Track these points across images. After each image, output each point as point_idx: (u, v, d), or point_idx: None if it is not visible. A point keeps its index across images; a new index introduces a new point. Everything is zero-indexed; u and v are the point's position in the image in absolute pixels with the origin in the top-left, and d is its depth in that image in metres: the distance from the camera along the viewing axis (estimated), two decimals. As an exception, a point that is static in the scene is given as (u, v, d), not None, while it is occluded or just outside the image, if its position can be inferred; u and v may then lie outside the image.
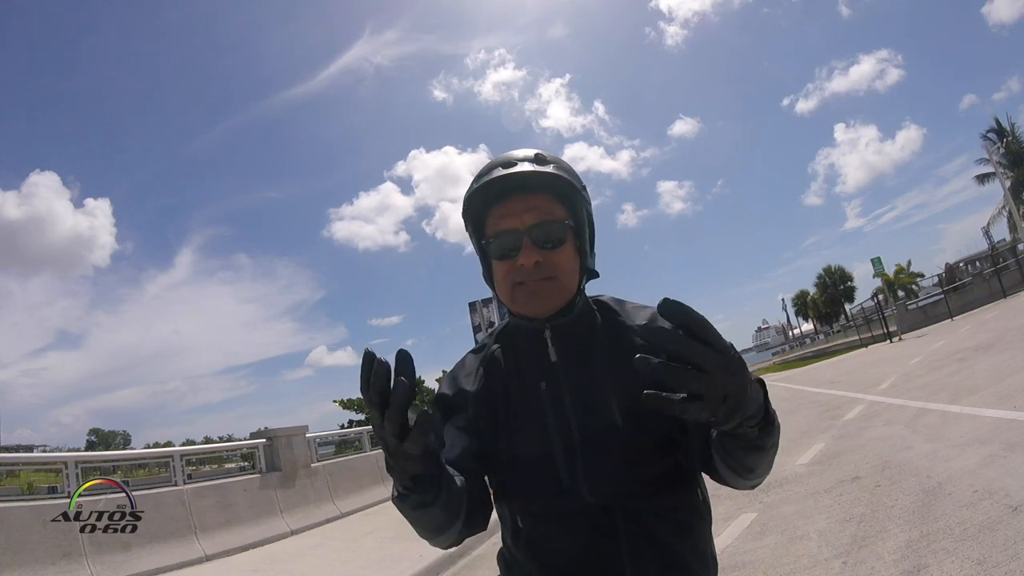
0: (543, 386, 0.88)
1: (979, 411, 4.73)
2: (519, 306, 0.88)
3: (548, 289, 0.86)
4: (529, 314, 0.88)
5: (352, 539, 6.36)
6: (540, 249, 0.85)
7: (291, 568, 5.58)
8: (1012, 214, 26.43)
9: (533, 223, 0.85)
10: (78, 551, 5.02)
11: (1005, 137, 29.69)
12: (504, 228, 0.86)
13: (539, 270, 0.85)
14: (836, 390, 10.12)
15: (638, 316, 0.92)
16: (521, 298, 0.87)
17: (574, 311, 0.91)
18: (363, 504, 8.31)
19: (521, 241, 0.85)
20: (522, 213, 0.86)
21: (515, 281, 0.86)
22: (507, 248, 0.86)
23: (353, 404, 19.30)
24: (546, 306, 0.87)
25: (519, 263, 0.85)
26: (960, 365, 7.77)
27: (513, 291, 0.87)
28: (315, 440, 8.93)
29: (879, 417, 6.04)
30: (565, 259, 0.87)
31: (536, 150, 0.88)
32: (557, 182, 0.86)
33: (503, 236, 0.86)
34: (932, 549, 2.53)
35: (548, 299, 0.86)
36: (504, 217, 0.87)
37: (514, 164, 0.85)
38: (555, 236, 0.86)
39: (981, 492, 2.98)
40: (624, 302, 0.97)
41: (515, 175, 0.84)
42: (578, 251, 0.90)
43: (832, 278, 52.56)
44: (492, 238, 0.88)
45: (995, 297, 20.46)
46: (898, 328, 22.29)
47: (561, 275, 0.86)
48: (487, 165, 0.88)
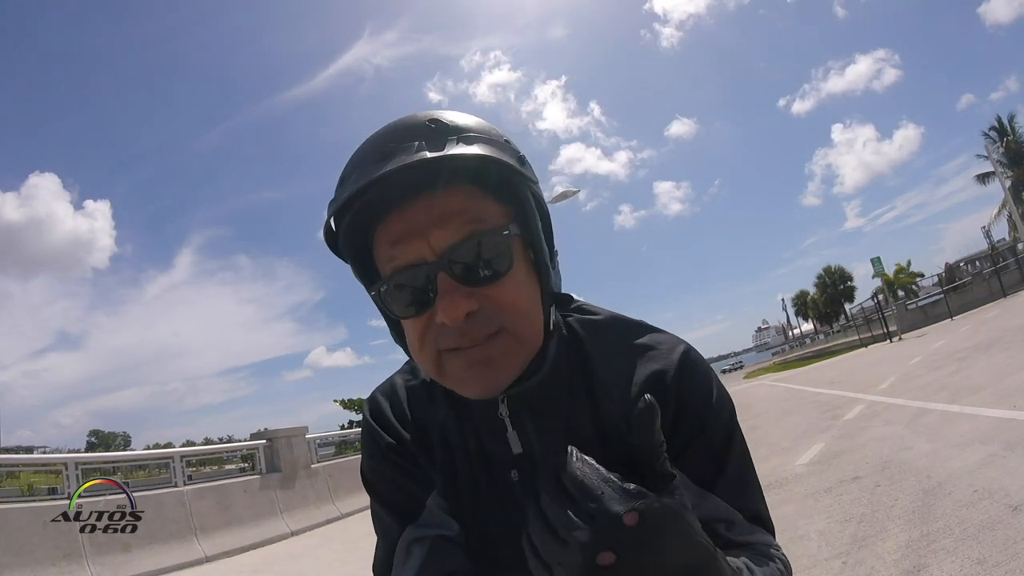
0: (514, 475, 0.61)
1: (979, 411, 4.73)
2: (458, 386, 0.56)
3: (498, 352, 0.53)
4: (473, 396, 0.56)
5: (352, 540, 6.35)
6: (470, 286, 0.52)
7: (291, 569, 5.58)
8: (1012, 214, 26.45)
9: (449, 246, 0.51)
10: (78, 552, 5.02)
11: (1005, 136, 29.70)
12: (403, 263, 0.52)
13: (476, 324, 0.52)
14: (836, 390, 10.10)
15: (615, 361, 0.62)
16: (456, 374, 0.54)
17: (543, 368, 0.59)
18: (363, 505, 8.29)
19: (435, 279, 0.51)
20: (429, 231, 0.51)
21: (440, 348, 0.54)
22: (414, 297, 0.53)
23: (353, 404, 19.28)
24: (498, 381, 0.54)
25: (438, 319, 0.51)
26: (960, 365, 7.77)
27: (440, 363, 0.55)
28: (315, 441, 8.94)
29: (879, 417, 6.04)
30: (517, 292, 0.54)
31: (434, 114, 0.53)
32: (475, 163, 0.51)
33: (403, 276, 0.53)
34: (932, 549, 2.53)
35: (501, 369, 0.54)
36: (399, 242, 0.52)
37: (396, 152, 0.50)
38: (492, 257, 0.52)
39: (981, 492, 2.98)
40: (598, 326, 0.65)
41: (399, 171, 0.48)
42: (535, 269, 0.57)
43: (832, 278, 52.53)
44: (384, 285, 0.54)
45: (995, 297, 20.46)
46: (898, 328, 22.27)
47: (514, 322, 0.53)
48: (355, 157, 0.54)
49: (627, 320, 0.67)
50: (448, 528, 0.61)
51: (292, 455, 8.00)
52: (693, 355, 0.63)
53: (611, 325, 0.66)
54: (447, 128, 0.52)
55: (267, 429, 8.50)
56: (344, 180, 0.53)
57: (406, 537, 0.62)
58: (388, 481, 0.65)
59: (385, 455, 0.65)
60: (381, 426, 0.67)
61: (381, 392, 0.70)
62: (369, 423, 0.68)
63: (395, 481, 0.64)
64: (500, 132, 0.57)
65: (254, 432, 8.87)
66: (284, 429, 8.21)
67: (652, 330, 0.66)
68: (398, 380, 0.70)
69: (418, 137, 0.51)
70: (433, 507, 0.62)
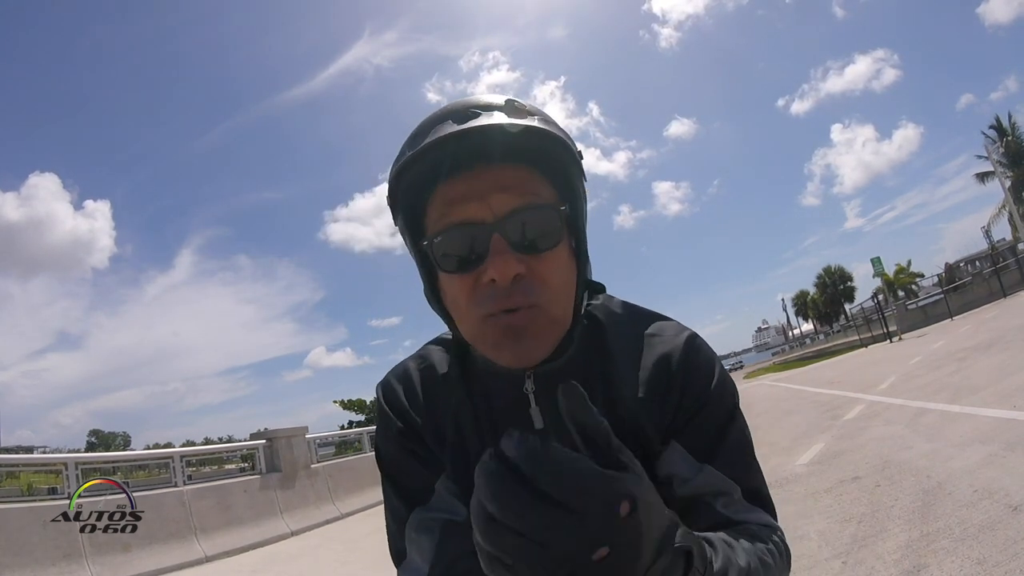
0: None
1: (979, 411, 4.73)
2: (494, 352, 0.56)
3: (534, 324, 0.54)
4: (510, 365, 0.56)
5: (352, 540, 6.35)
6: (520, 253, 0.53)
7: (291, 569, 5.58)
8: (1012, 213, 26.46)
9: (508, 211, 0.53)
10: (78, 552, 5.02)
11: (1005, 136, 29.72)
12: (459, 219, 0.54)
13: (520, 289, 0.53)
14: (836, 390, 10.10)
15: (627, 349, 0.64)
16: (495, 338, 0.55)
17: (569, 350, 0.61)
18: (363, 505, 8.31)
19: (489, 241, 0.53)
20: (489, 195, 0.53)
21: (483, 311, 0.54)
22: (465, 252, 0.54)
23: (353, 405, 19.30)
24: (532, 353, 0.55)
25: (487, 277, 0.52)
26: (960, 365, 7.77)
27: (482, 326, 0.55)
28: (315, 441, 8.95)
29: (879, 417, 6.04)
30: (558, 270, 0.55)
31: (507, 96, 0.55)
32: (545, 143, 0.54)
33: (457, 232, 0.54)
34: (932, 549, 2.53)
35: (535, 341, 0.55)
36: (458, 202, 0.54)
37: (475, 115, 0.52)
38: (544, 231, 0.54)
39: (981, 492, 2.98)
40: (616, 317, 0.67)
41: (476, 132, 0.51)
42: (574, 254, 0.59)
43: (832, 278, 52.56)
44: (439, 236, 0.55)
45: (995, 297, 20.46)
46: (898, 328, 22.27)
47: (551, 298, 0.55)
48: (429, 118, 0.56)
49: (640, 310, 0.69)
50: (456, 513, 0.61)
51: (292, 455, 8.00)
52: (698, 341, 0.66)
53: (626, 315, 0.68)
54: (524, 109, 0.54)
55: (267, 429, 8.50)
56: (416, 135, 0.55)
57: (414, 520, 0.62)
58: (399, 464, 0.66)
59: (397, 438, 0.66)
60: (394, 411, 0.67)
61: (395, 376, 0.70)
62: (382, 407, 0.69)
63: (406, 464, 0.65)
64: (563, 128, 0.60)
65: (254, 432, 8.89)
66: (284, 429, 8.21)
67: (660, 318, 0.69)
68: (411, 364, 0.70)
69: (496, 106, 0.53)
70: (443, 491, 0.62)
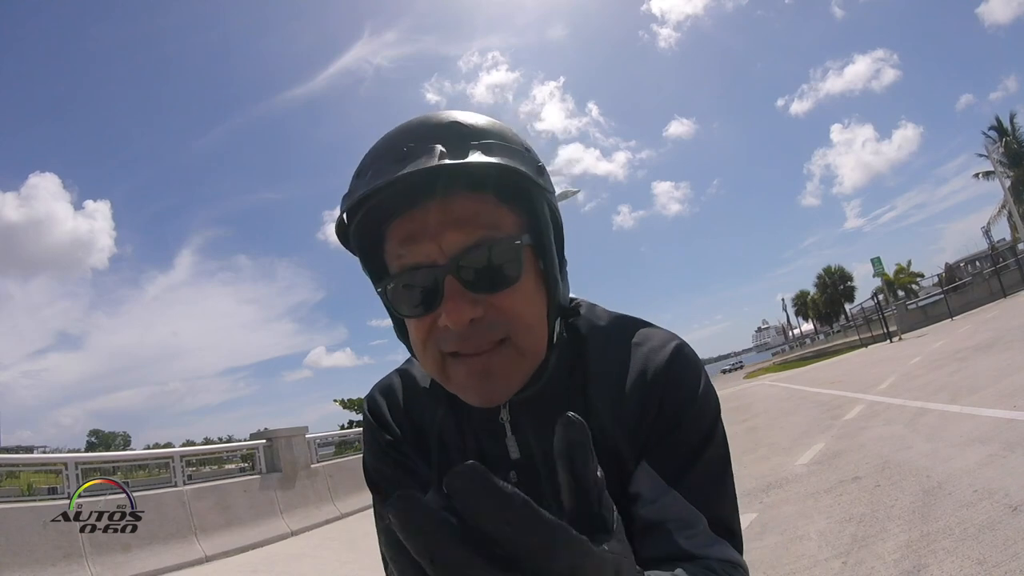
0: (512, 477, 0.59)
1: (979, 411, 4.73)
2: (461, 392, 0.56)
3: (499, 363, 0.53)
4: (474, 404, 0.56)
5: (352, 540, 6.35)
6: (476, 293, 0.51)
7: (291, 569, 5.58)
8: (1012, 213, 26.46)
9: (460, 250, 0.51)
10: (78, 552, 5.02)
11: (1005, 136, 29.72)
12: (412, 262, 0.52)
13: (479, 331, 0.51)
14: (836, 390, 10.10)
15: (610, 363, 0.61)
16: (459, 379, 0.54)
17: (543, 379, 0.59)
18: (363, 505, 8.30)
19: (442, 282, 0.50)
20: (441, 233, 0.51)
21: (442, 351, 0.53)
22: (418, 298, 0.52)
23: (353, 404, 19.28)
24: (498, 393, 0.54)
25: (442, 323, 0.51)
26: (960, 365, 7.77)
27: (444, 367, 0.54)
28: (315, 441, 8.95)
29: (879, 417, 6.03)
30: (522, 302, 0.53)
31: (455, 116, 0.52)
32: (497, 174, 0.50)
33: (409, 277, 0.52)
34: (932, 549, 2.53)
35: (502, 381, 0.53)
36: (409, 242, 0.52)
37: (417, 153, 0.49)
38: (501, 268, 0.52)
39: (981, 492, 2.98)
40: (599, 330, 0.64)
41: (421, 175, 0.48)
42: (543, 279, 0.56)
43: (832, 278, 52.58)
44: (391, 282, 0.53)
45: (995, 297, 20.47)
46: (898, 328, 22.26)
47: (517, 333, 0.53)
48: (373, 151, 0.53)
49: (624, 319, 0.66)
50: None
51: (292, 455, 8.00)
52: (684, 351, 0.62)
53: (609, 327, 0.64)
54: (469, 133, 0.51)
55: (267, 429, 8.49)
56: (360, 174, 0.52)
57: None
58: (386, 477, 0.66)
59: (383, 452, 0.67)
60: (379, 424, 0.68)
61: (379, 390, 0.70)
62: (368, 421, 0.69)
63: (392, 477, 0.65)
64: (521, 139, 0.56)
65: (254, 432, 8.86)
66: (284, 429, 8.21)
67: (645, 326, 0.65)
68: (396, 379, 0.70)
69: (439, 140, 0.50)
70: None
